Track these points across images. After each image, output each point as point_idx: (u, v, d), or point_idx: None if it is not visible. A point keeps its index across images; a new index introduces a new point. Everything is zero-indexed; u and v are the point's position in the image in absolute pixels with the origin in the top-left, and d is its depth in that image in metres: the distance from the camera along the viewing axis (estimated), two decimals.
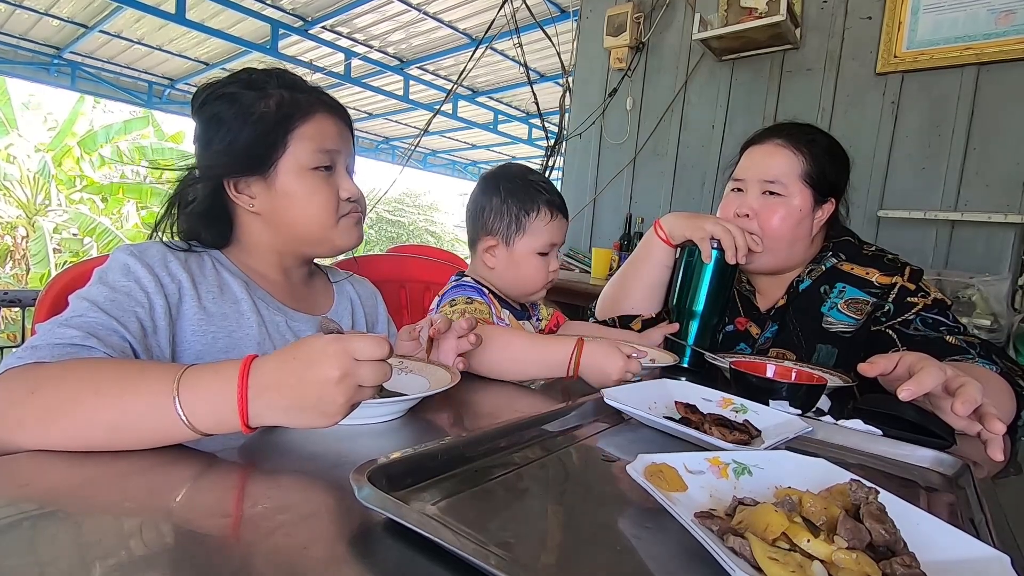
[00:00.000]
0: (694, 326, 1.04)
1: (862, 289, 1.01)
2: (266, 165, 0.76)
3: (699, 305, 1.03)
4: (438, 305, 1.05)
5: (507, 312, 1.10)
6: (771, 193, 1.03)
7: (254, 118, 0.75)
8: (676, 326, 1.06)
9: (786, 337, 1.06)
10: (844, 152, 1.08)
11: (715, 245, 1.01)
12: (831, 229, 1.10)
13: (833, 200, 1.05)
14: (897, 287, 0.99)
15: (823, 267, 1.06)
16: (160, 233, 0.79)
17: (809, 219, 1.03)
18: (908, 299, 0.97)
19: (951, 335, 0.92)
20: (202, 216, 0.79)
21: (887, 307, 0.99)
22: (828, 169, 1.03)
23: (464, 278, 1.10)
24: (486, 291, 1.07)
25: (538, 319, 1.20)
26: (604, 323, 1.19)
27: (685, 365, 1.05)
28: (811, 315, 1.04)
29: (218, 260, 0.80)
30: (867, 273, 1.02)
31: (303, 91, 0.80)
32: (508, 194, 1.06)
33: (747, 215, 1.04)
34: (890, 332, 0.97)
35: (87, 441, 0.47)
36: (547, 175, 2.97)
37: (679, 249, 1.08)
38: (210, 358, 0.72)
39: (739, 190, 1.07)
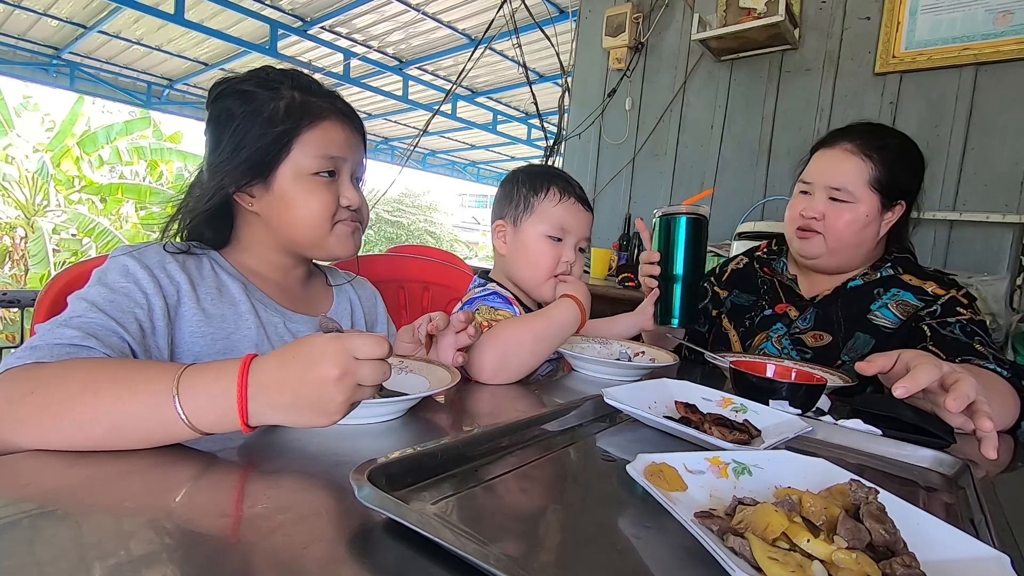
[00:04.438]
0: (678, 289, 1.07)
1: (915, 295, 1.03)
2: (267, 169, 0.76)
3: (679, 269, 1.06)
4: (461, 309, 1.03)
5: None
6: (840, 200, 1.04)
7: (263, 118, 0.75)
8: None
9: (826, 321, 1.08)
10: (918, 153, 1.07)
11: (684, 211, 1.03)
12: (893, 238, 1.11)
13: (903, 203, 1.06)
14: (950, 296, 1.00)
15: (879, 274, 1.07)
16: (168, 234, 0.79)
17: (876, 223, 1.05)
18: (957, 308, 0.98)
19: (981, 345, 0.92)
20: (206, 213, 0.79)
21: (934, 308, 0.99)
22: (898, 173, 1.04)
23: (490, 283, 1.08)
24: (511, 298, 1.05)
25: None
26: None
27: (675, 325, 1.07)
28: (858, 307, 1.06)
29: (216, 261, 0.80)
30: (924, 284, 1.03)
31: (316, 95, 0.79)
32: (522, 180, 1.08)
33: (814, 217, 1.06)
34: (925, 328, 0.97)
35: (87, 441, 0.47)
36: None
37: (655, 221, 1.09)
38: (208, 359, 0.72)
39: (807, 192, 1.10)
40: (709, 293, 1.30)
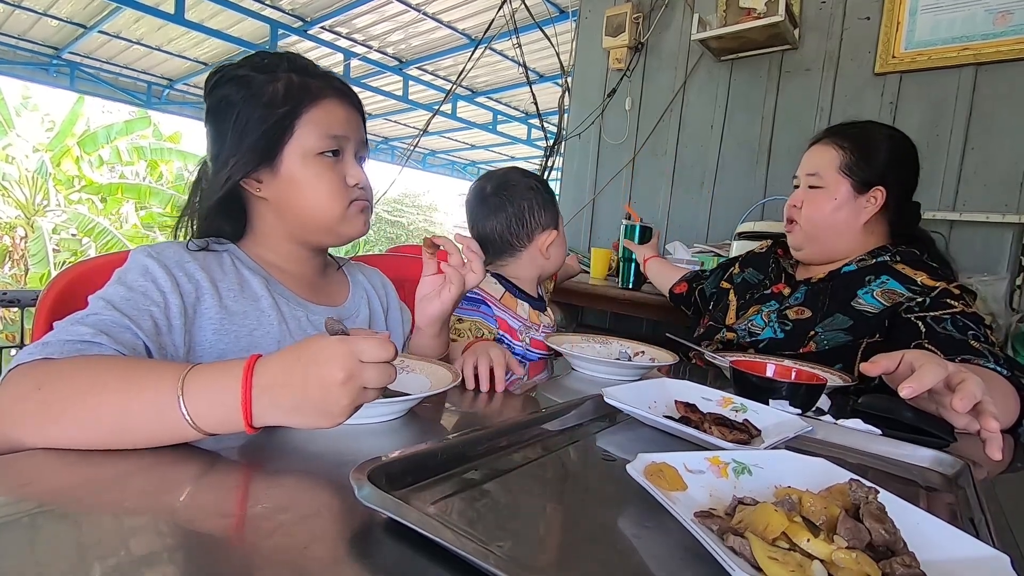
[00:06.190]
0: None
1: (903, 284, 1.02)
2: (273, 152, 0.75)
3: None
4: None
5: (525, 306, 1.09)
6: (814, 187, 1.12)
7: (263, 102, 0.74)
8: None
9: (813, 300, 1.11)
10: (894, 140, 1.11)
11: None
12: (897, 233, 1.12)
13: (882, 189, 1.07)
14: (940, 288, 0.99)
15: (873, 261, 1.08)
16: (180, 232, 0.78)
17: (850, 207, 1.09)
18: (947, 300, 0.97)
19: (976, 341, 0.91)
20: (217, 206, 0.77)
21: (923, 300, 0.98)
22: (867, 157, 1.08)
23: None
24: (487, 296, 1.05)
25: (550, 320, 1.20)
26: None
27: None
28: (846, 292, 1.07)
29: (236, 256, 0.79)
30: (915, 274, 1.03)
31: (313, 76, 0.79)
32: (536, 187, 1.20)
33: (795, 206, 1.15)
34: (919, 323, 0.96)
35: (91, 438, 0.47)
36: (546, 175, 2.97)
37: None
38: (233, 356, 0.71)
39: (796, 186, 1.18)
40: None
